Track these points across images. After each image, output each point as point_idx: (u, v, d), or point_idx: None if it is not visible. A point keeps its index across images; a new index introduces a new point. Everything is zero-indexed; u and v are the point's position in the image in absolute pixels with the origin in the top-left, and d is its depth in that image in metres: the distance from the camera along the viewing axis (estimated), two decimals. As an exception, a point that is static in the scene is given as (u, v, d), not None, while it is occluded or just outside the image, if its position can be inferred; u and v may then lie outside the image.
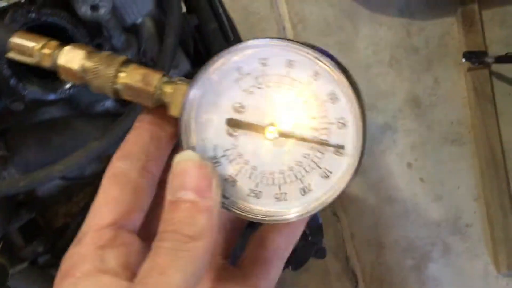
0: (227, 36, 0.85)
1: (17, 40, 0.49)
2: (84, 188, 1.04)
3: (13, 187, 0.67)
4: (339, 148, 0.48)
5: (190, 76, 0.89)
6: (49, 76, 0.65)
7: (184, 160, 0.44)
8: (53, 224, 0.98)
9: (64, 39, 0.67)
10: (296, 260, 1.08)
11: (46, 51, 0.49)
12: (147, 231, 0.48)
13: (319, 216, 0.92)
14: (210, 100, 0.48)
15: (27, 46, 0.49)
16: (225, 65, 0.48)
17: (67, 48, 0.49)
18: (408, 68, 2.06)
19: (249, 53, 0.47)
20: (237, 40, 0.87)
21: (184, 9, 0.94)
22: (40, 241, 0.93)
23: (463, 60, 1.99)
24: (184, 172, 0.43)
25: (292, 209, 0.49)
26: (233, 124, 0.48)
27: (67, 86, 0.65)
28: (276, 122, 0.48)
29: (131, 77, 0.47)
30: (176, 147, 0.51)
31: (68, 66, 0.49)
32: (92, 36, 0.66)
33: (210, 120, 0.48)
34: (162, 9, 0.78)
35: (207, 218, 0.41)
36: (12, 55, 0.49)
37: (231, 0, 2.01)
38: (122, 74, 0.48)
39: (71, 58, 0.49)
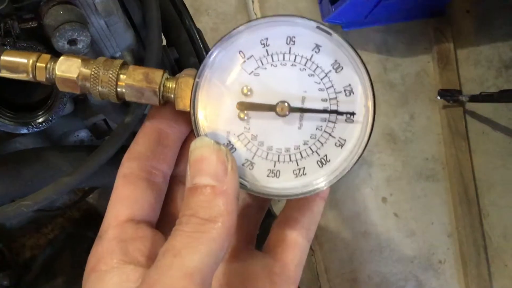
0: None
1: (7, 58, 0.48)
2: (54, 220, 1.01)
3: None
4: (350, 115, 0.49)
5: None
6: (22, 109, 0.63)
7: (199, 147, 0.44)
8: (20, 257, 0.95)
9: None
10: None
11: (40, 64, 0.48)
12: (166, 224, 0.49)
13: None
14: (217, 88, 0.49)
15: (19, 62, 0.48)
16: (226, 51, 0.49)
17: (62, 58, 0.49)
18: (384, 103, 2.09)
19: (248, 37, 0.49)
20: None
21: (164, 42, 0.94)
22: (6, 274, 0.90)
23: (438, 97, 2.03)
24: (200, 158, 0.44)
25: (314, 181, 0.49)
26: (243, 107, 0.49)
27: (40, 120, 0.63)
28: (285, 99, 0.48)
29: (133, 77, 0.48)
30: (186, 142, 0.52)
31: (67, 75, 0.48)
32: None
33: (220, 107, 0.49)
34: (141, 43, 0.77)
35: (224, 201, 0.42)
36: (3, 74, 0.48)
37: (212, 31, 2.02)
38: (123, 76, 0.48)
39: (68, 67, 0.48)
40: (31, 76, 0.48)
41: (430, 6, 2.11)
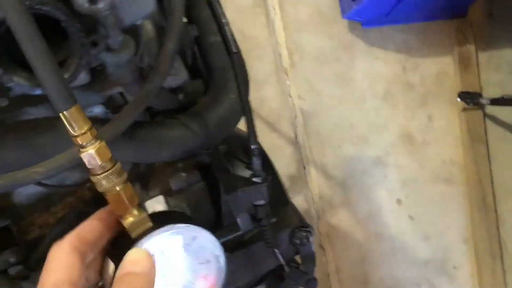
0: (230, 50, 0.81)
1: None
2: (64, 198, 0.98)
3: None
4: None
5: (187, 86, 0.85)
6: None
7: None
8: (28, 235, 0.92)
9: (57, 33, 0.63)
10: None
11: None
12: None
13: (312, 243, 0.87)
14: None
15: None
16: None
17: None
18: (402, 104, 2.05)
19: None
20: (240, 54, 0.83)
21: (184, 19, 0.91)
22: (13, 251, 0.87)
23: (458, 99, 1.98)
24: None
25: None
26: None
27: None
28: None
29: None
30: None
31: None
32: (88, 32, 0.62)
33: None
34: (163, 14, 0.74)
35: None
36: None
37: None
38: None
39: None
40: None
41: (452, 7, 2.07)
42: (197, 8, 0.90)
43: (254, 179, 0.82)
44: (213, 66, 0.90)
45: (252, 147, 0.82)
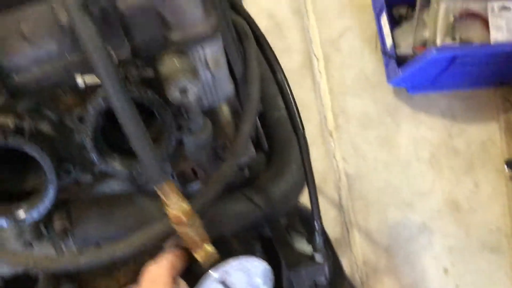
0: (297, 127, 0.85)
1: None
2: (127, 264, 1.00)
3: (73, 264, 0.64)
4: None
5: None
6: (129, 151, 0.64)
7: None
8: (91, 299, 0.94)
9: (148, 115, 0.68)
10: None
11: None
12: None
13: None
14: None
15: None
16: None
17: None
18: (448, 169, 2.04)
19: None
20: (304, 132, 0.87)
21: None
22: (78, 316, 0.89)
23: (506, 168, 1.96)
24: None
25: None
26: None
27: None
28: None
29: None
30: None
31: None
32: (175, 117, 0.67)
33: None
34: (238, 96, 0.78)
35: None
36: None
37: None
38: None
39: None
40: None
41: (498, 75, 2.09)
42: (264, 85, 0.94)
43: (316, 255, 0.84)
44: (277, 140, 0.94)
45: (316, 224, 0.84)
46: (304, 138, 0.84)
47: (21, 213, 0.64)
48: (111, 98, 0.53)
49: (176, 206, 0.61)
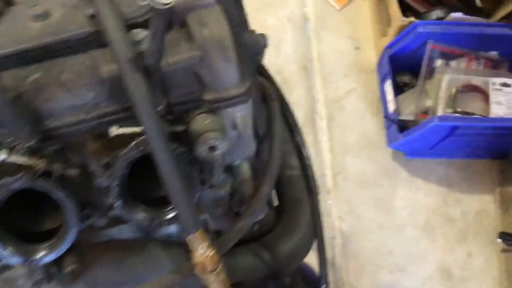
0: (313, 190, 0.87)
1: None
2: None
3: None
4: None
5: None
6: (157, 203, 0.66)
7: None
8: None
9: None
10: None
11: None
12: None
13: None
14: None
15: None
16: None
17: None
18: (442, 237, 2.06)
19: None
20: (317, 195, 0.89)
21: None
22: None
23: (498, 240, 1.99)
24: None
25: None
26: None
27: (169, 216, 0.66)
28: None
29: None
30: None
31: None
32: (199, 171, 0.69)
33: None
34: (258, 155, 0.81)
35: None
36: None
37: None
38: None
39: None
40: None
41: (495, 148, 2.14)
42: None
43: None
44: (288, 199, 0.96)
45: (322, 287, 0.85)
46: (318, 201, 0.86)
47: (40, 255, 0.65)
48: (154, 151, 0.56)
49: (204, 255, 0.62)
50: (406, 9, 2.17)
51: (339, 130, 2.20)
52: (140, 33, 0.61)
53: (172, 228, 0.94)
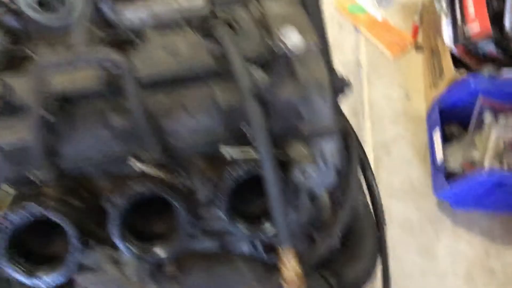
0: (381, 223, 0.95)
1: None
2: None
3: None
4: None
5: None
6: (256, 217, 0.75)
7: None
8: None
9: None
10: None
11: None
12: None
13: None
14: None
15: None
16: None
17: None
18: (482, 287, 2.07)
19: None
20: (384, 227, 0.96)
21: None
22: None
23: (540, 296, 1.99)
24: None
25: None
26: None
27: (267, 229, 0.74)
28: None
29: None
30: None
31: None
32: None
33: None
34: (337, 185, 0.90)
35: None
36: None
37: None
38: None
39: None
40: None
41: (540, 204, 2.16)
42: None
43: None
44: (352, 230, 1.04)
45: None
46: (385, 233, 0.94)
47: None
48: (266, 173, 0.66)
49: (293, 269, 0.70)
50: (457, 63, 2.25)
51: (386, 173, 2.26)
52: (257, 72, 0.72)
53: (246, 248, 1.03)
